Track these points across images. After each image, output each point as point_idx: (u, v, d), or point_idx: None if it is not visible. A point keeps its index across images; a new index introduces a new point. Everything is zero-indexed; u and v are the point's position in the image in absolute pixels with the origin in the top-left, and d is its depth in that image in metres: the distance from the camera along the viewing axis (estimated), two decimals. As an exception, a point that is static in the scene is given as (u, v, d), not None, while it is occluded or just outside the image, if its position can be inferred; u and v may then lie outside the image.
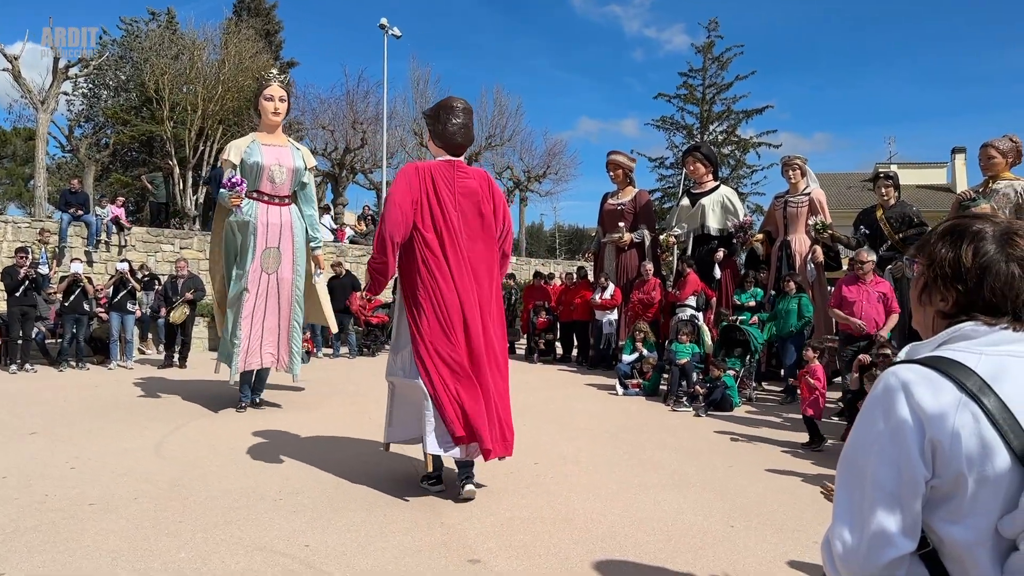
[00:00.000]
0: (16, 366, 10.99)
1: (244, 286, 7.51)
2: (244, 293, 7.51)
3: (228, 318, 7.73)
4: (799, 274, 10.28)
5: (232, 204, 7.37)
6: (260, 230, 7.62)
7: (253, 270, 7.54)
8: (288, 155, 7.88)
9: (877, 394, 1.29)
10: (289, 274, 7.77)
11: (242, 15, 30.46)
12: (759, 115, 37.08)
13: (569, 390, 10.15)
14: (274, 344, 7.77)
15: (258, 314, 7.62)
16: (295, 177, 7.91)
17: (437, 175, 5.00)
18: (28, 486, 4.95)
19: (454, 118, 5.09)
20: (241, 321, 7.51)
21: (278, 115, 7.88)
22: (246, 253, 7.57)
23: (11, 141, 38.92)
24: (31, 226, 14.41)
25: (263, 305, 7.65)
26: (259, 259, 7.58)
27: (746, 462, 6.08)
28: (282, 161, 7.78)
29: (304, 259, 7.99)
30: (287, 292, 7.76)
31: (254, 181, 7.64)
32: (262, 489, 4.99)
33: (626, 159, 13.25)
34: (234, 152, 7.64)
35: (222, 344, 7.94)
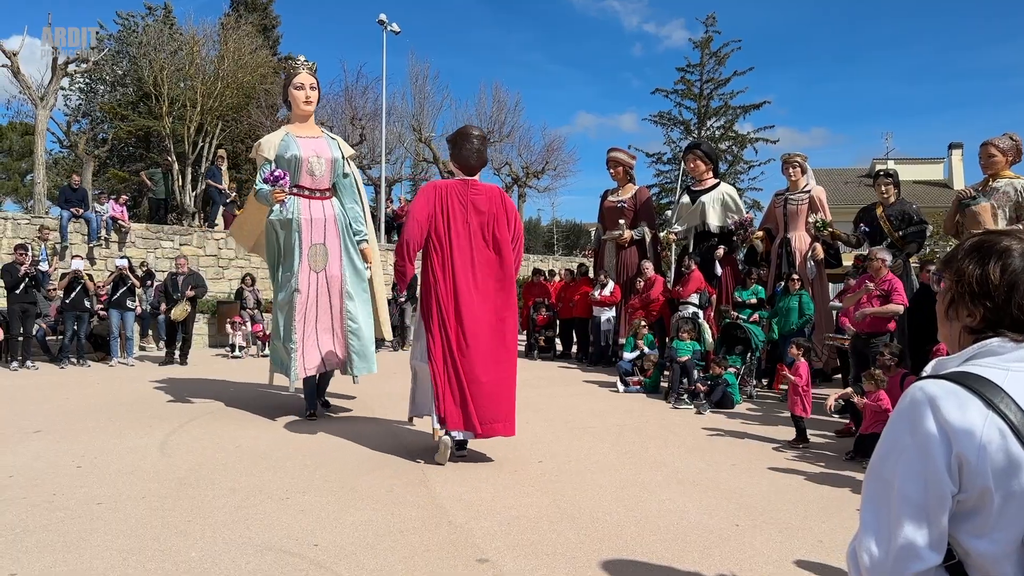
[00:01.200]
0: (17, 363, 11.01)
1: (295, 287, 7.15)
2: (296, 294, 7.14)
3: (279, 322, 7.37)
4: (800, 271, 10.32)
5: (276, 200, 7.00)
6: (304, 227, 7.23)
7: (302, 270, 7.19)
8: (325, 146, 7.51)
9: (904, 407, 1.31)
10: (338, 271, 7.37)
11: (240, 10, 30.36)
12: (757, 110, 37.12)
13: (570, 387, 10.19)
14: (331, 344, 7.39)
15: (311, 315, 7.25)
16: (334, 168, 7.50)
17: (452, 192, 5.96)
18: (36, 485, 4.97)
19: (469, 144, 6.07)
20: (295, 324, 7.15)
21: (310, 104, 7.53)
22: (292, 252, 7.22)
23: (7, 136, 38.83)
24: (31, 223, 14.39)
25: (315, 305, 7.27)
26: (306, 257, 7.22)
27: (749, 460, 6.12)
28: (320, 152, 7.39)
29: (353, 254, 7.53)
30: (337, 289, 7.36)
31: (294, 175, 7.26)
32: (269, 488, 5.01)
33: (626, 156, 13.27)
34: (268, 148, 7.27)
35: (273, 351, 7.65)
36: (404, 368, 11.50)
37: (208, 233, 16.91)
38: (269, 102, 25.66)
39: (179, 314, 12.10)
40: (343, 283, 7.37)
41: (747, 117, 37.49)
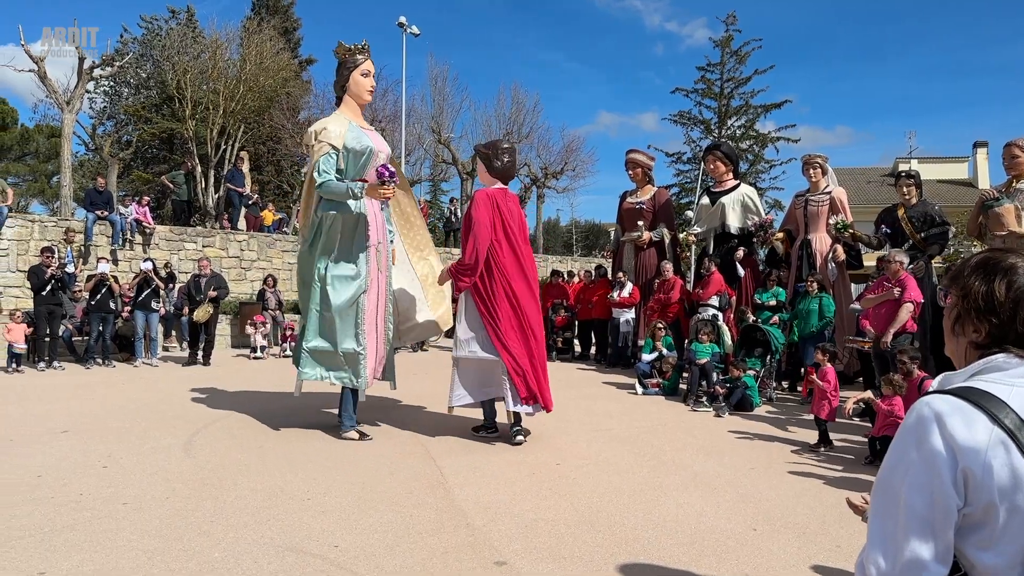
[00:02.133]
0: (44, 363, 11.20)
1: (364, 287, 6.76)
2: (364, 296, 6.75)
3: (340, 325, 6.71)
4: (820, 273, 10.27)
5: (384, 196, 6.69)
6: (371, 225, 6.84)
7: (370, 270, 6.82)
8: (381, 139, 7.20)
9: (910, 423, 1.34)
10: (386, 272, 7.11)
11: (261, 13, 30.64)
12: (778, 109, 36.87)
13: (588, 389, 10.20)
14: (377, 349, 7.06)
15: (371, 318, 6.89)
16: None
17: (499, 199, 6.72)
18: (63, 485, 5.07)
19: (506, 156, 6.81)
20: (363, 328, 6.73)
21: (371, 94, 7.16)
22: (359, 251, 6.77)
23: (34, 138, 39.44)
24: (57, 225, 14.62)
25: (375, 308, 6.94)
26: (373, 258, 6.87)
27: (768, 464, 6.11)
28: (381, 146, 7.08)
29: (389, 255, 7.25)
30: (385, 292, 7.09)
31: (365, 170, 6.85)
32: (291, 489, 5.08)
33: (645, 158, 13.25)
34: (335, 136, 6.67)
35: (329, 356, 6.83)
36: (421, 368, 11.61)
37: (231, 235, 17.09)
38: (290, 104, 25.89)
39: (202, 315, 12.25)
40: (389, 285, 7.15)
41: (768, 116, 37.27)
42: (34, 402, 8.41)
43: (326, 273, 6.72)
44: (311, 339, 6.81)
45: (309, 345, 6.79)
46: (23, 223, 14.29)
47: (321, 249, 6.77)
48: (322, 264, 6.75)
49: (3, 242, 13.73)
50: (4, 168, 32.28)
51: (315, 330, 6.81)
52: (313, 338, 6.80)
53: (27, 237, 14.09)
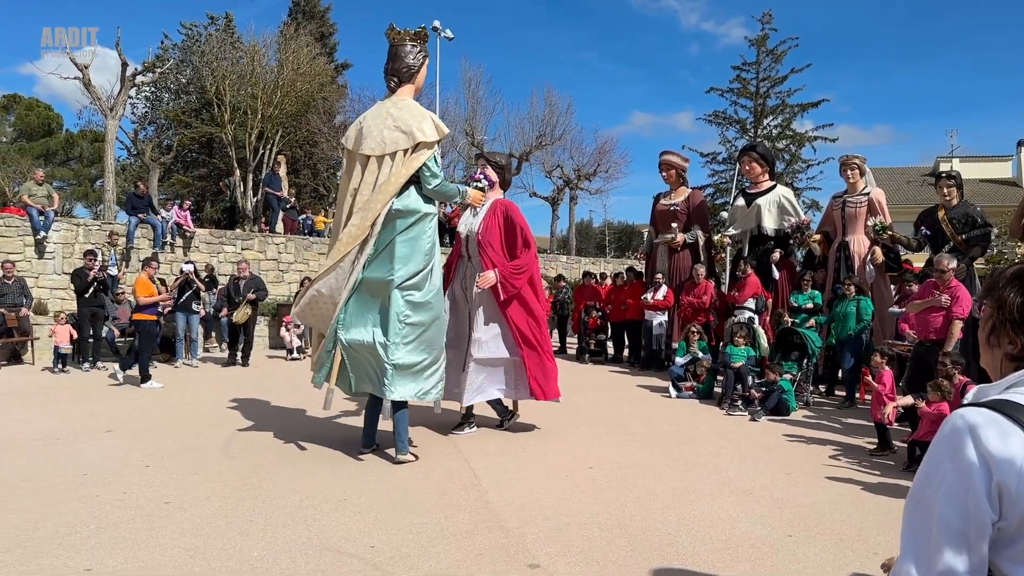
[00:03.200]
0: (88, 364, 11.48)
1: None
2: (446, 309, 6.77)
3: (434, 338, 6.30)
4: (858, 276, 10.13)
5: (476, 202, 6.86)
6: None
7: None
8: None
9: (945, 435, 1.33)
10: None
11: (298, 18, 31.04)
12: (815, 108, 36.35)
13: (621, 392, 10.17)
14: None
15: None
16: None
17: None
18: (108, 483, 5.21)
19: (513, 171, 7.54)
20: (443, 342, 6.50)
21: None
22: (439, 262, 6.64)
23: (78, 143, 40.44)
24: (100, 228, 14.98)
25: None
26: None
27: (804, 469, 6.05)
28: None
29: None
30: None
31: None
32: (327, 489, 5.16)
33: (679, 159, 13.17)
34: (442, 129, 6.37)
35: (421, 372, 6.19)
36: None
37: (268, 238, 17.35)
38: (326, 109, 26.20)
39: (241, 317, 12.46)
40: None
41: (805, 115, 36.75)
42: (79, 402, 8.64)
43: (428, 282, 6.21)
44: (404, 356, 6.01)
45: (402, 361, 5.99)
46: (68, 227, 14.66)
47: (425, 256, 6.18)
48: (427, 272, 6.19)
49: (49, 245, 14.09)
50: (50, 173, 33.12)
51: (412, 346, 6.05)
52: (406, 355, 6.01)
53: (72, 240, 14.44)
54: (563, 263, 23.70)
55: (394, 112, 6.23)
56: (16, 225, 13.79)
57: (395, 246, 6.05)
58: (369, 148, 6.19)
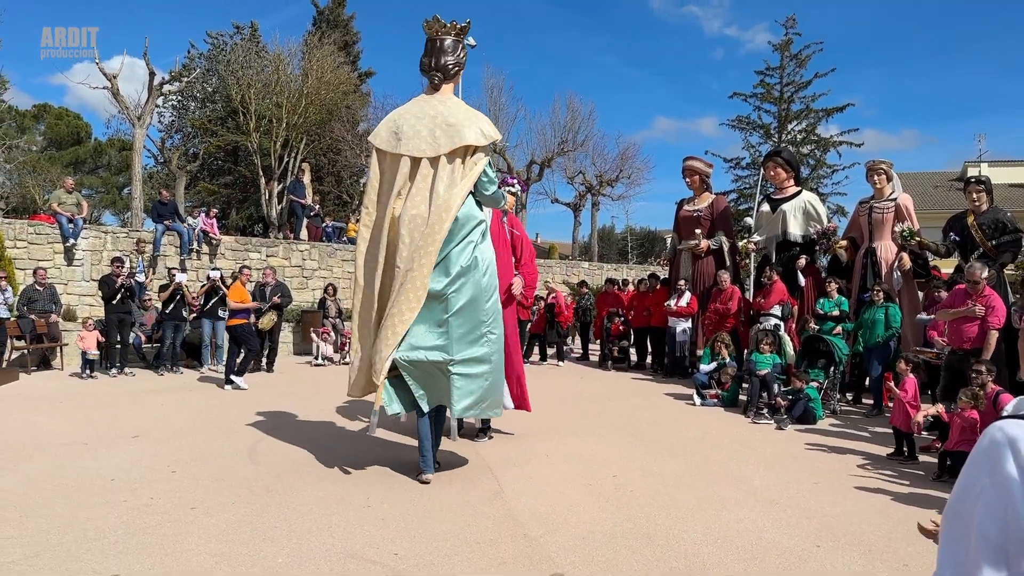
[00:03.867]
0: (116, 369, 11.62)
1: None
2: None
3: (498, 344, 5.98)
4: (885, 282, 10.00)
5: (511, 208, 6.77)
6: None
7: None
8: None
9: (983, 447, 1.30)
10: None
11: (322, 27, 31.31)
12: (840, 113, 36.00)
13: (645, 399, 10.11)
14: None
15: None
16: None
17: None
18: (135, 489, 5.26)
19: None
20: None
21: None
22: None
23: (106, 151, 41.09)
24: (128, 236, 15.18)
25: None
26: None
27: (832, 478, 5.97)
28: None
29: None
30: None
31: None
32: (351, 497, 5.17)
33: (703, 165, 13.10)
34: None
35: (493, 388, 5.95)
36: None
37: (293, 245, 17.49)
38: (350, 117, 26.39)
39: (266, 323, 12.56)
40: None
41: (831, 120, 36.40)
42: (107, 407, 8.74)
43: (488, 292, 5.82)
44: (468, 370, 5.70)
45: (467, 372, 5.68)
46: (96, 234, 14.87)
47: (483, 265, 5.81)
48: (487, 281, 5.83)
49: (78, 252, 14.30)
50: (79, 181, 33.69)
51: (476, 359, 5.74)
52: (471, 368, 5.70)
53: (100, 248, 14.65)
54: (585, 269, 23.65)
55: (443, 111, 5.80)
56: (46, 233, 14.03)
57: (452, 256, 5.66)
58: (418, 149, 5.70)
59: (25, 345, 11.91)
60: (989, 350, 6.98)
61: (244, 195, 29.29)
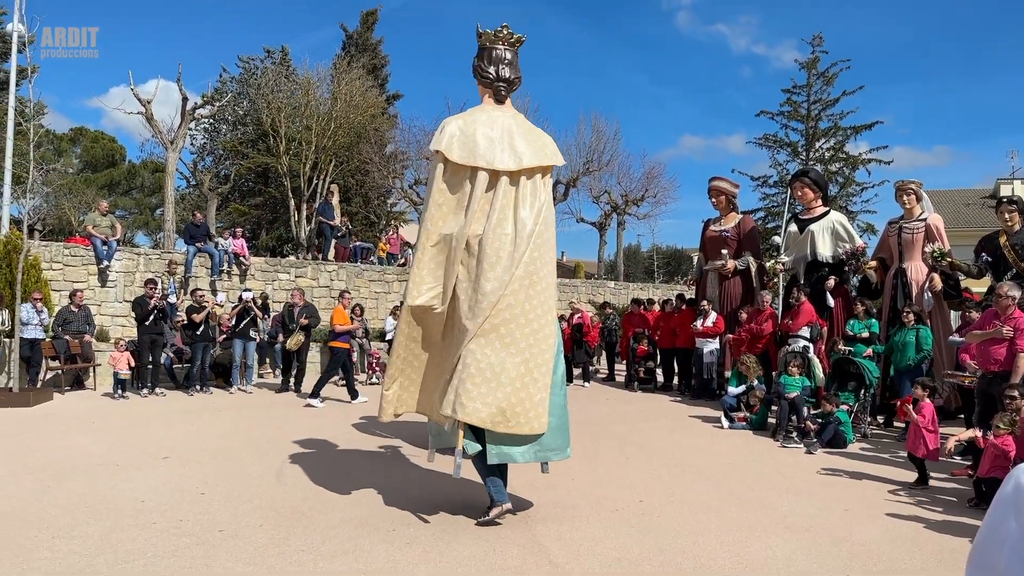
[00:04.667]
0: (147, 390, 11.78)
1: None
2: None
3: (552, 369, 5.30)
4: (916, 303, 9.86)
5: None
6: None
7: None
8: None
9: (1007, 493, 1.29)
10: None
11: (351, 51, 31.79)
12: (869, 131, 35.74)
13: (672, 422, 10.03)
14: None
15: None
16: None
17: None
18: (164, 511, 5.32)
19: None
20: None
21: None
22: None
23: (139, 173, 41.94)
24: (160, 257, 15.45)
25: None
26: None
27: (862, 504, 5.87)
28: None
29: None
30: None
31: None
32: (376, 519, 5.19)
33: (729, 185, 13.07)
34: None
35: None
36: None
37: (321, 265, 17.67)
38: (378, 139, 26.71)
39: (294, 343, 12.68)
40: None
41: (859, 137, 36.12)
42: (138, 428, 8.86)
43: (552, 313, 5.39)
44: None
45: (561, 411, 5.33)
46: (129, 256, 15.15)
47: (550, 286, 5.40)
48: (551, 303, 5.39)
49: (112, 274, 14.57)
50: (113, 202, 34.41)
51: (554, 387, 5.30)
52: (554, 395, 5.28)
53: (133, 269, 14.91)
54: (611, 288, 23.59)
55: (516, 126, 5.48)
56: (81, 255, 14.32)
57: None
58: (501, 162, 5.26)
59: (59, 365, 12.13)
60: (1018, 373, 6.84)
61: (274, 216, 29.69)
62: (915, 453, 6.57)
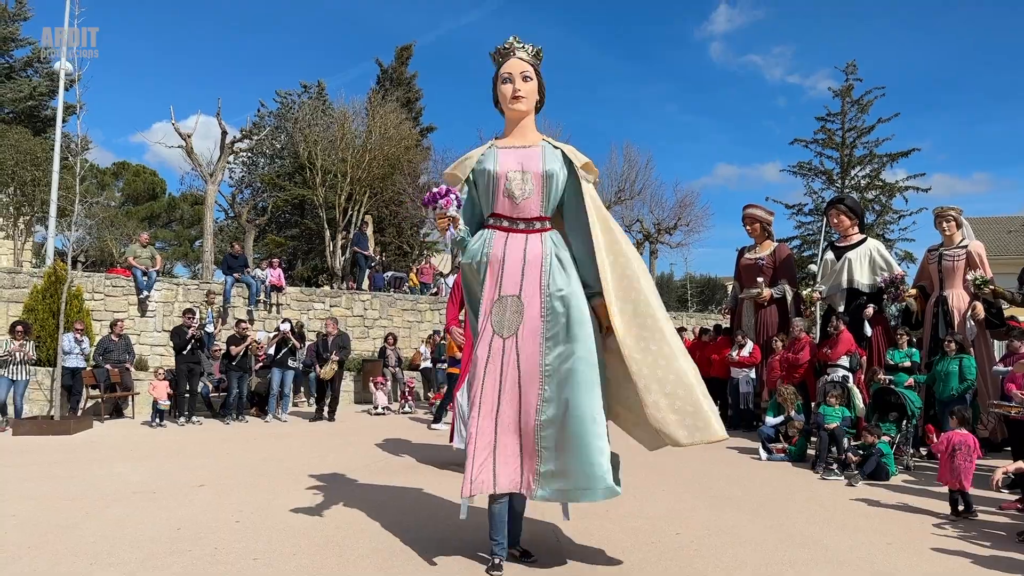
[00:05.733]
0: (184, 418, 11.93)
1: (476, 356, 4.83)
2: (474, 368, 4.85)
3: (461, 404, 5.07)
4: (958, 332, 9.65)
5: (439, 227, 4.75)
6: (491, 271, 4.85)
7: (483, 333, 4.82)
8: (536, 157, 4.97)
9: None
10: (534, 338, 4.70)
11: (386, 85, 32.35)
12: (905, 158, 35.39)
13: (708, 453, 9.85)
14: (515, 454, 4.70)
15: (488, 400, 4.69)
16: (548, 188, 4.92)
17: None
18: (199, 539, 5.35)
19: None
20: (469, 410, 4.79)
21: (519, 100, 5.01)
22: (475, 308, 5.03)
23: (179, 206, 42.92)
24: (199, 287, 15.73)
25: (495, 385, 4.70)
26: (489, 316, 4.81)
27: (906, 539, 5.70)
28: (526, 165, 4.93)
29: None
30: (530, 367, 4.68)
31: (489, 199, 4.94)
32: (410, 552, 5.15)
33: (763, 212, 12.98)
34: (463, 165, 5.07)
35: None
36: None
37: (355, 295, 17.84)
38: (411, 170, 27.07)
39: (327, 372, 12.78)
40: (540, 358, 4.67)
41: (896, 165, 35.77)
42: (174, 456, 8.96)
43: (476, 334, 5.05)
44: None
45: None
46: (168, 286, 15.46)
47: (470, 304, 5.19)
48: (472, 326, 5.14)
49: (151, 304, 14.87)
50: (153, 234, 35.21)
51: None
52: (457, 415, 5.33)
53: (172, 299, 15.20)
54: (645, 318, 23.38)
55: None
56: (121, 285, 14.65)
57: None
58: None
59: (99, 394, 12.35)
60: None
61: (309, 247, 30.12)
62: (947, 484, 6.40)
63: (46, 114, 26.68)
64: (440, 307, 18.57)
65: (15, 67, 26.98)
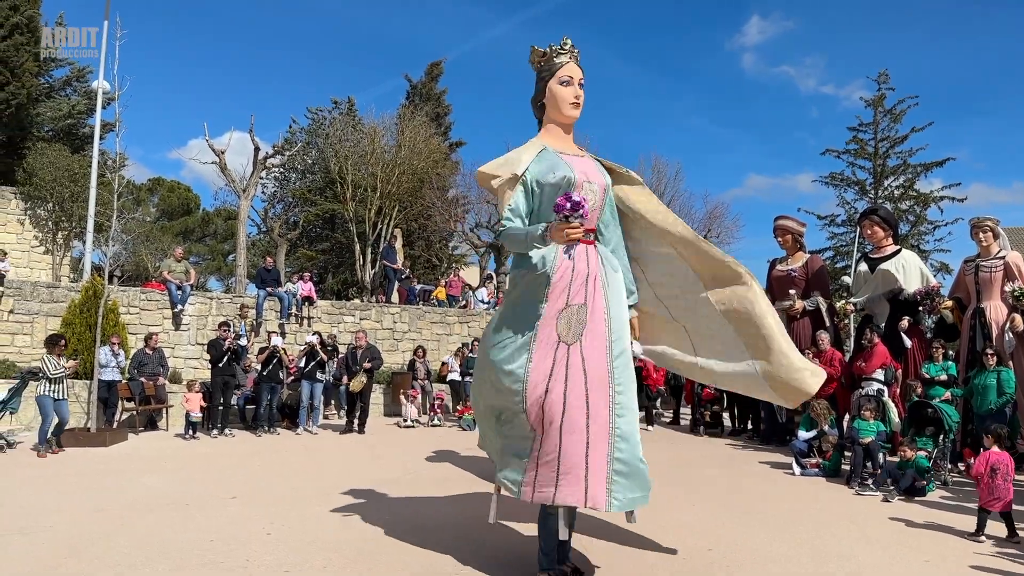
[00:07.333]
0: (217, 431, 12.06)
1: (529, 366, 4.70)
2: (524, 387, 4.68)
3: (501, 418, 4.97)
4: (996, 345, 9.45)
5: (570, 239, 4.42)
6: (561, 279, 4.77)
7: (544, 339, 4.73)
8: (595, 168, 5.13)
9: None
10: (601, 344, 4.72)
11: (415, 100, 32.64)
12: (940, 168, 34.80)
13: (740, 468, 9.75)
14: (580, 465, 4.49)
15: (555, 410, 4.57)
16: (606, 200, 5.11)
17: None
18: (231, 550, 5.40)
19: None
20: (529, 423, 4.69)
21: (578, 107, 5.11)
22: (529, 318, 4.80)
23: (213, 221, 43.59)
24: (232, 301, 15.93)
25: (562, 392, 4.58)
26: (555, 322, 4.73)
27: (944, 556, 5.58)
28: (591, 176, 4.99)
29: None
30: (599, 373, 4.66)
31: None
32: (440, 564, 5.15)
33: (795, 224, 12.83)
34: (517, 163, 4.91)
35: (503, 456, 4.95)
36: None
37: (385, 308, 17.95)
38: (440, 184, 27.26)
39: (357, 385, 12.86)
40: (609, 366, 4.69)
41: (931, 174, 35.19)
42: (207, 468, 9.06)
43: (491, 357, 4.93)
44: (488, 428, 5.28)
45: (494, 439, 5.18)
46: (202, 300, 15.67)
47: (495, 324, 5.08)
48: (492, 342, 4.99)
49: (185, 318, 15.08)
50: (187, 249, 35.78)
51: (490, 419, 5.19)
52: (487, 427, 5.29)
53: (205, 313, 15.41)
54: (675, 331, 23.23)
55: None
56: (156, 299, 14.88)
57: (499, 312, 5.33)
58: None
59: (134, 407, 12.55)
60: None
61: (340, 260, 30.40)
62: (988, 508, 6.23)
63: (84, 132, 27.28)
64: (469, 320, 18.61)
65: (55, 86, 27.64)
